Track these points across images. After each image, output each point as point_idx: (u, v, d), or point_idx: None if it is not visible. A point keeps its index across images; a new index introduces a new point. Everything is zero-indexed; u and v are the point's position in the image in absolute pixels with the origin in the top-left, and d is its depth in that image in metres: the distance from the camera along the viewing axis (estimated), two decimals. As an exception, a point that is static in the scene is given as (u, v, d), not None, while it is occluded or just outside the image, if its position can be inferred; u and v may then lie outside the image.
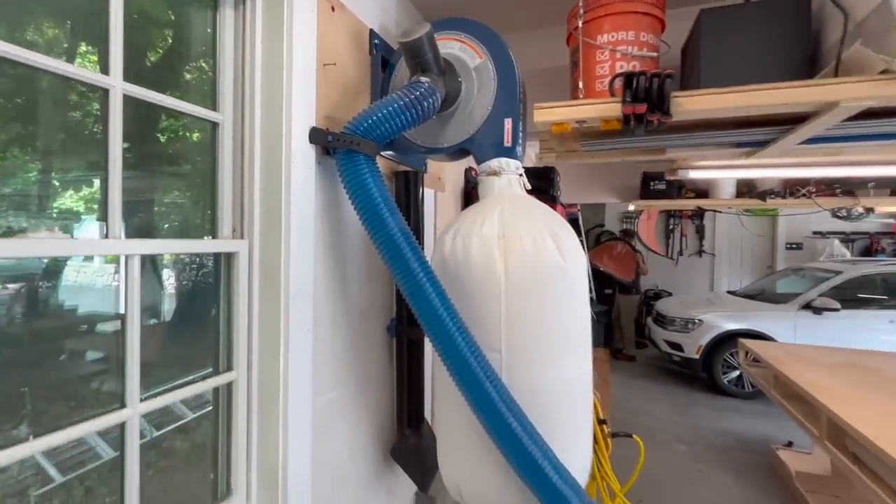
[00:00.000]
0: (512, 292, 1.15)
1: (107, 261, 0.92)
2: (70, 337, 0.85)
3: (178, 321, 1.06)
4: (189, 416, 1.06)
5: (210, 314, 1.07)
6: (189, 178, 1.07)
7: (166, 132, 1.02)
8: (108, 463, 0.87)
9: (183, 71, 1.04)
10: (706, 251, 8.22)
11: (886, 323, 4.67)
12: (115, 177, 0.82)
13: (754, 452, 3.67)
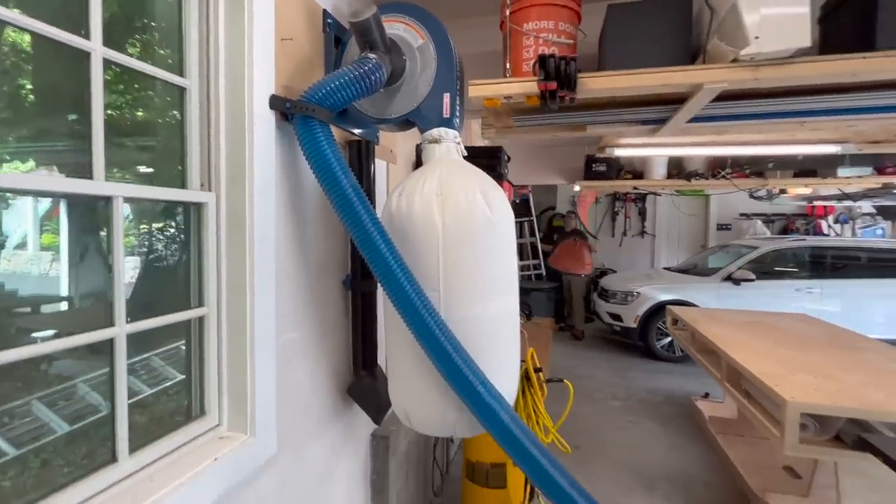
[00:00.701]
0: (448, 241, 1.36)
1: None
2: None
3: (154, 263, 1.19)
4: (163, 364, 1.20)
5: (182, 257, 1.21)
6: (161, 137, 1.20)
7: (139, 95, 1.15)
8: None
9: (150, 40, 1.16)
10: (648, 232, 8.84)
11: (793, 291, 5.31)
12: (97, 136, 0.94)
13: (678, 405, 4.15)
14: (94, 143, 0.94)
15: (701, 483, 2.86)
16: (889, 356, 2.77)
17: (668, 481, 2.88)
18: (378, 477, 2.00)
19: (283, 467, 1.39)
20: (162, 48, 1.17)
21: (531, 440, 1.41)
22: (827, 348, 2.89)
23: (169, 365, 1.22)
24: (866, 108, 1.60)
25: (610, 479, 2.87)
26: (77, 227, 1.08)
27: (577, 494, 1.42)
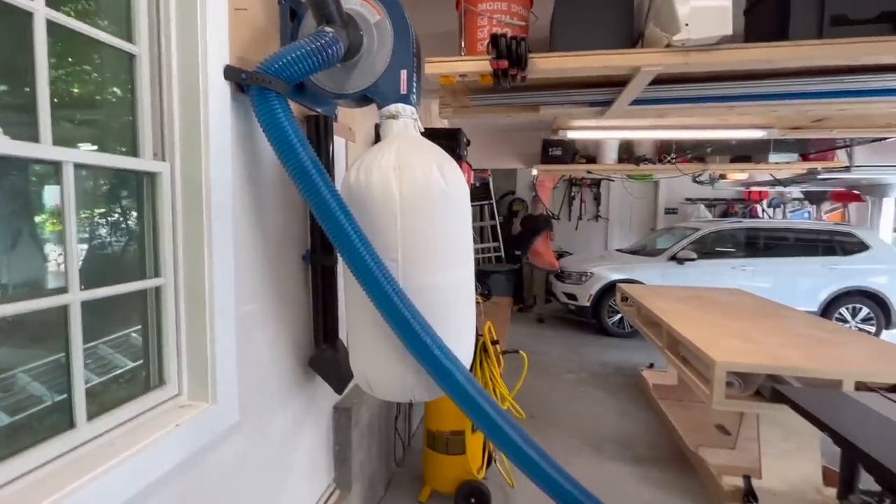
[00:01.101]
0: (405, 212, 1.42)
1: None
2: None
3: (107, 234, 1.18)
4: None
5: (137, 227, 1.20)
6: (110, 105, 1.18)
7: (86, 61, 1.11)
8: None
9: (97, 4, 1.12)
10: (602, 216, 9.22)
11: (729, 269, 5.74)
12: (43, 99, 0.92)
13: (626, 376, 4.44)
14: (40, 106, 0.92)
15: (644, 443, 3.11)
16: (805, 323, 3.09)
17: (615, 443, 3.11)
18: (340, 448, 2.06)
19: (246, 436, 1.42)
20: (109, 14, 1.14)
21: (486, 399, 1.51)
22: (753, 317, 3.19)
23: (127, 335, 1.22)
24: (783, 94, 1.79)
25: (562, 443, 3.07)
26: (23, 196, 1.05)
27: (528, 447, 1.54)
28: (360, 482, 2.15)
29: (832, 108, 2.07)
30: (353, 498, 2.06)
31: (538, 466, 1.54)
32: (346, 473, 2.05)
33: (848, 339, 2.66)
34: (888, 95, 1.78)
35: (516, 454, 1.54)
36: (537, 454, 1.56)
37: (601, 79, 1.62)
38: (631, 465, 2.84)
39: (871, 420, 1.58)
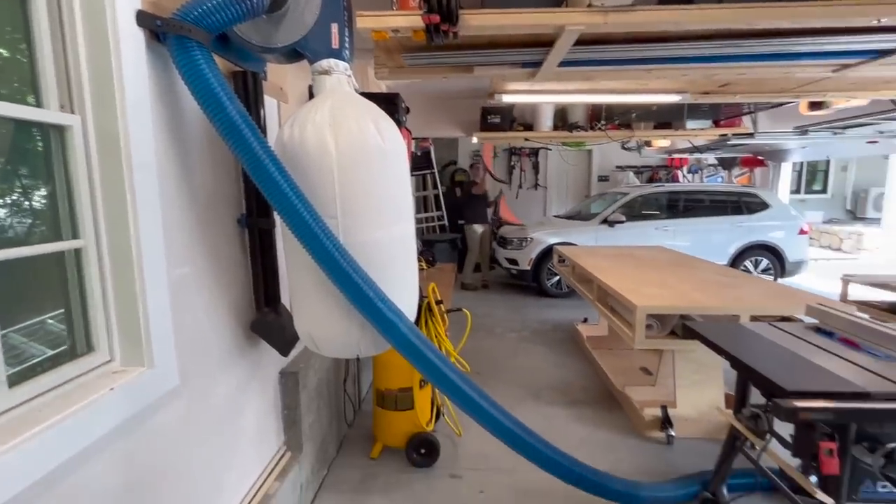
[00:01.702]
0: (343, 167, 1.42)
1: None
2: None
3: (13, 191, 1.08)
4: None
5: (48, 186, 1.11)
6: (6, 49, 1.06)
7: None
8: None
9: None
10: (540, 184, 9.55)
11: (653, 230, 6.22)
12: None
13: (564, 331, 4.75)
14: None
15: (578, 388, 3.39)
16: (713, 271, 3.47)
17: (553, 389, 3.36)
18: (289, 411, 2.07)
19: (188, 400, 1.41)
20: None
21: (429, 348, 1.59)
22: (671, 269, 3.53)
23: (47, 302, 1.15)
24: (691, 56, 1.95)
25: (505, 393, 3.27)
26: None
27: (470, 390, 1.65)
28: (312, 443, 2.19)
29: (733, 73, 2.29)
30: (304, 458, 2.10)
31: (480, 407, 1.66)
32: (297, 436, 2.08)
33: (745, 283, 3.03)
34: (779, 60, 2.00)
35: (460, 397, 1.65)
36: (479, 396, 1.68)
37: (530, 38, 1.67)
38: (567, 408, 3.09)
39: (760, 344, 1.85)
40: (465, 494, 2.23)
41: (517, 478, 2.32)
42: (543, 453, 1.80)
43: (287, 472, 1.94)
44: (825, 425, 1.35)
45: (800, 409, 1.29)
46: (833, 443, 1.34)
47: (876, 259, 9.20)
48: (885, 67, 2.20)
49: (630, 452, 2.58)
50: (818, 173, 13.20)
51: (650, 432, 2.73)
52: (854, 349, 1.72)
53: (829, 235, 10.35)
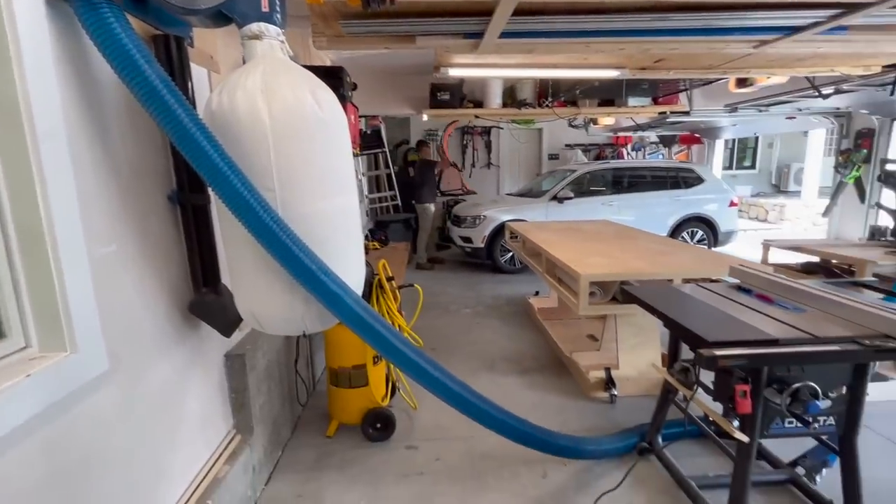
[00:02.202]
0: (279, 137, 1.37)
1: None
2: None
3: None
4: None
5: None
6: None
7: None
8: None
9: None
10: (493, 163, 9.64)
11: (600, 205, 6.47)
12: None
13: (516, 305, 4.89)
14: None
15: (530, 357, 3.53)
16: (651, 241, 3.68)
17: (506, 360, 3.48)
18: (237, 395, 2.02)
19: (121, 386, 1.34)
20: None
21: (377, 320, 1.59)
22: (614, 240, 3.70)
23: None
24: (625, 30, 2.02)
25: (460, 367, 3.35)
26: None
27: (418, 358, 1.67)
28: (263, 425, 2.16)
29: (665, 47, 2.40)
30: (255, 441, 2.06)
31: (429, 374, 1.69)
32: (247, 418, 2.04)
33: (679, 250, 3.24)
34: (706, 34, 2.11)
35: (409, 366, 1.67)
36: (428, 364, 1.71)
37: (470, 6, 1.66)
38: (520, 377, 3.22)
39: (688, 303, 1.99)
40: (421, 463, 2.29)
41: (472, 444, 2.40)
42: (493, 415, 1.87)
43: (237, 454, 1.91)
44: (740, 370, 1.49)
45: (718, 357, 1.41)
46: (747, 385, 1.48)
47: (795, 228, 10.09)
48: (797, 44, 2.38)
49: (577, 413, 2.73)
50: (748, 150, 14.16)
51: (595, 393, 2.90)
52: (768, 303, 1.90)
53: (757, 208, 11.20)
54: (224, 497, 1.74)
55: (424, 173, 6.65)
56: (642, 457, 2.27)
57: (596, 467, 2.21)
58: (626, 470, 2.08)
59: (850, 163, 6.01)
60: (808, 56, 2.89)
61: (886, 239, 3.37)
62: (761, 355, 1.43)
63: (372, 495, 2.07)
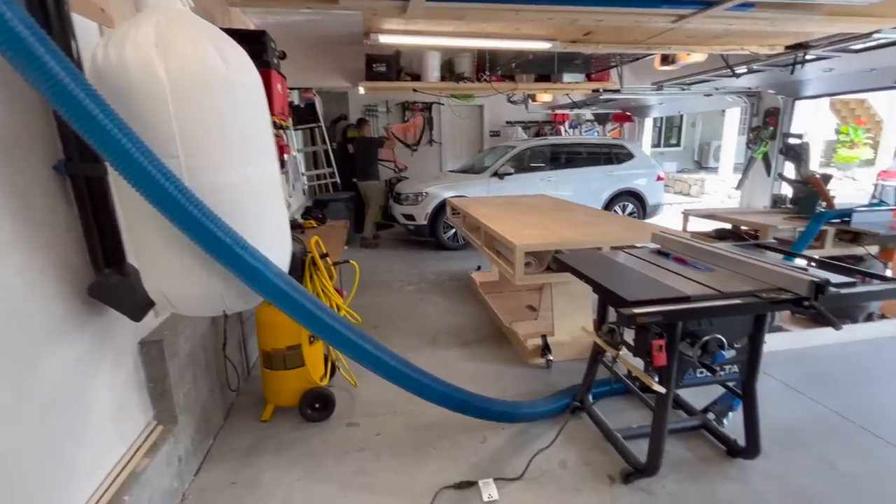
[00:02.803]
0: (180, 98, 1.24)
1: None
2: None
3: None
4: None
5: None
6: None
7: None
8: None
9: None
10: (435, 140, 9.55)
11: (539, 181, 6.62)
12: None
13: (459, 280, 4.94)
14: None
15: (471, 330, 3.59)
16: (583, 213, 3.82)
17: (447, 334, 3.51)
18: (156, 384, 1.88)
19: (7, 378, 1.19)
20: None
21: (304, 296, 1.52)
22: (550, 213, 3.81)
23: None
24: None
25: (403, 343, 3.34)
26: None
27: (352, 334, 1.63)
28: (189, 414, 2.03)
29: (591, 18, 2.45)
30: (180, 431, 1.94)
31: (363, 349, 1.66)
32: (169, 408, 1.91)
33: (608, 221, 3.40)
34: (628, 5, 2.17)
35: (343, 343, 1.63)
36: (363, 340, 1.67)
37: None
38: (461, 349, 3.27)
39: (614, 267, 2.09)
40: (361, 439, 2.27)
41: (414, 417, 2.41)
42: (431, 387, 1.89)
43: (159, 446, 1.78)
44: (657, 326, 1.58)
45: (637, 315, 1.49)
46: (662, 340, 1.58)
47: (714, 200, 10.96)
48: (711, 20, 2.52)
49: (515, 379, 2.82)
50: (673, 129, 15.08)
51: (533, 360, 3.01)
52: (683, 265, 2.03)
53: (681, 182, 12.01)
54: (143, 491, 1.62)
55: (369, 150, 6.49)
56: (574, 415, 2.39)
57: (532, 428, 2.31)
58: (559, 429, 2.19)
59: (759, 139, 6.57)
60: (722, 33, 3.07)
61: (786, 206, 3.74)
62: (674, 311, 1.53)
63: (311, 475, 2.03)
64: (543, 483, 1.96)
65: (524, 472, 1.99)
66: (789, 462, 2.05)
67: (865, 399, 2.55)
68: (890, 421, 2.34)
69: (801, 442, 2.19)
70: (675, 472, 1.99)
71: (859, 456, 2.10)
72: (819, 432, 2.27)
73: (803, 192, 3.45)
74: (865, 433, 2.26)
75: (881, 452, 2.12)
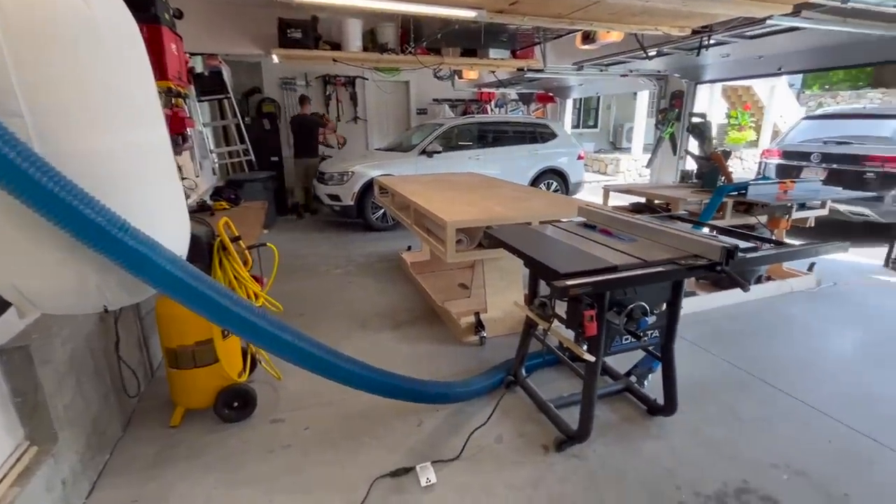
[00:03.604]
0: (20, 41, 0.97)
1: None
2: None
3: None
4: None
5: None
6: None
7: None
8: None
9: None
10: (360, 117, 9.14)
11: (467, 159, 6.60)
12: None
13: (389, 261, 4.80)
14: None
15: (403, 311, 3.49)
16: (513, 190, 3.84)
17: (378, 317, 3.39)
18: (25, 398, 1.57)
19: None
20: None
21: (204, 282, 1.32)
22: (479, 190, 3.77)
23: None
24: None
25: (331, 329, 3.17)
26: None
27: (265, 322, 1.45)
28: (75, 428, 1.73)
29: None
30: (62, 449, 1.65)
31: (280, 339, 1.49)
32: (45, 424, 1.60)
33: (536, 196, 3.44)
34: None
35: (254, 333, 1.45)
36: (279, 328, 1.50)
37: None
38: (393, 331, 3.16)
39: (544, 241, 2.09)
40: (287, 435, 2.10)
41: (344, 407, 2.28)
42: (360, 374, 1.77)
43: (33, 470, 1.49)
44: (588, 297, 1.59)
45: (570, 287, 1.48)
46: (593, 310, 1.59)
47: (627, 178, 11.74)
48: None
49: (449, 359, 2.78)
50: (591, 111, 15.85)
51: (467, 338, 2.99)
52: (609, 236, 2.08)
53: (598, 162, 12.71)
54: (13, 527, 1.35)
55: (310, 129, 6.45)
56: (509, 390, 2.41)
57: (468, 407, 2.28)
58: (494, 405, 2.18)
59: (667, 120, 7.06)
60: (639, 11, 3.18)
61: (692, 181, 4.04)
62: (604, 281, 1.55)
63: (230, 480, 1.84)
64: (480, 460, 1.95)
65: (461, 452, 1.96)
66: (701, 415, 2.23)
67: (760, 352, 2.85)
68: (782, 371, 2.64)
69: (709, 395, 2.39)
70: (602, 436, 2.08)
71: (757, 403, 2.34)
72: (723, 384, 2.50)
73: (707, 168, 3.74)
74: (761, 383, 2.53)
75: (774, 398, 2.38)
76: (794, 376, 2.57)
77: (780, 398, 2.40)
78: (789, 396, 2.40)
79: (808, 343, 2.98)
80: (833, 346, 2.96)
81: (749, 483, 1.82)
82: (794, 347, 2.92)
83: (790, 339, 3.03)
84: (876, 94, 14.30)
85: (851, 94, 14.93)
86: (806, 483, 1.82)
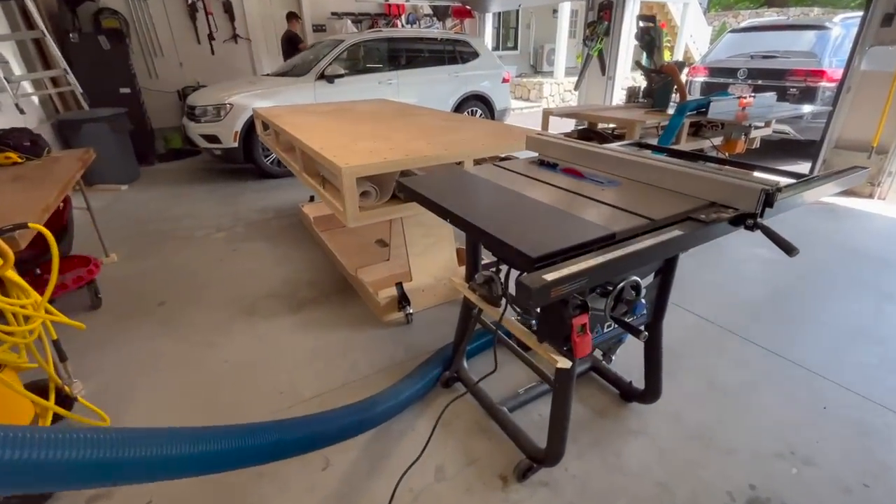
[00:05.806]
0: None
1: None
2: None
3: None
4: None
5: None
6: None
7: None
8: None
9: None
10: (241, 36, 7.44)
11: (378, 84, 5.56)
12: None
13: (288, 216, 3.87)
14: None
15: (305, 285, 2.71)
16: (436, 118, 3.04)
17: (272, 297, 2.58)
18: None
19: None
20: None
21: None
22: (392, 120, 2.93)
23: None
24: None
25: (204, 321, 2.33)
26: None
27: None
28: None
29: None
30: None
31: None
32: None
33: (467, 125, 2.69)
34: None
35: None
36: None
37: None
38: (291, 316, 2.40)
39: (488, 194, 1.39)
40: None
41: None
42: (215, 453, 1.03)
43: None
44: (578, 296, 0.95)
45: (552, 285, 0.82)
46: (586, 314, 0.97)
47: (552, 103, 11.23)
48: None
49: (367, 349, 2.11)
50: (510, 31, 14.81)
51: (389, 316, 2.32)
52: (580, 179, 1.44)
53: (521, 87, 11.99)
54: None
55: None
56: (448, 388, 1.83)
57: (394, 425, 1.67)
58: (431, 415, 1.58)
59: (595, 35, 6.43)
60: None
61: (639, 100, 3.52)
62: (604, 265, 0.91)
63: None
64: (417, 513, 1.36)
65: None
66: (678, 392, 1.82)
67: (725, 299, 2.51)
68: (739, 313, 2.32)
69: (677, 360, 1.99)
70: (574, 442, 1.59)
71: (733, 364, 1.98)
72: (687, 341, 2.12)
73: (658, 83, 3.21)
74: (727, 333, 2.18)
75: (746, 353, 2.04)
76: (748, 320, 2.27)
77: (752, 351, 2.07)
78: (760, 347, 2.08)
79: (754, 275, 2.71)
80: (778, 279, 2.71)
81: (757, 488, 1.43)
82: (744, 284, 2.63)
83: (735, 273, 2.74)
84: (771, 13, 14.80)
85: (751, 12, 15.35)
86: (819, 477, 1.48)
